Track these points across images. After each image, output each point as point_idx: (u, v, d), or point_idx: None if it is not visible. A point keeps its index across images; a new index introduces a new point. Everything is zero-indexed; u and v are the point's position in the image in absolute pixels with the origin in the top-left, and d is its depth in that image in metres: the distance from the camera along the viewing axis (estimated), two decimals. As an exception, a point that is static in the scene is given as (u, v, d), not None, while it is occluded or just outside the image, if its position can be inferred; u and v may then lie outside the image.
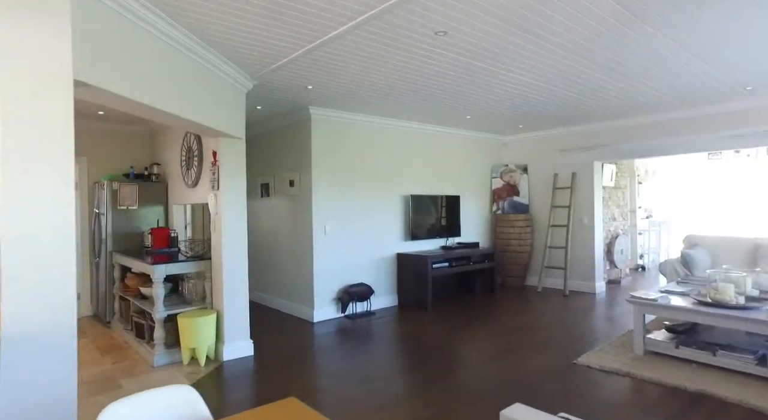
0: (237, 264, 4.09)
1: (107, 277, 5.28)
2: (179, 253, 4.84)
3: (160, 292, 3.92)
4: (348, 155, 5.65)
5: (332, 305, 5.49)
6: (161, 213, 5.60)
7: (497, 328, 4.93)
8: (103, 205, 5.25)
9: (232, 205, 4.06)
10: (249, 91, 4.37)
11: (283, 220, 5.88)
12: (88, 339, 4.75)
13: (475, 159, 7.33)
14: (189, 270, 4.13)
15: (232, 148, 4.07)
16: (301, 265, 5.53)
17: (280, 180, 5.90)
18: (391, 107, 5.31)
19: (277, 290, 6.03)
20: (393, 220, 6.14)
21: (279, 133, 5.92)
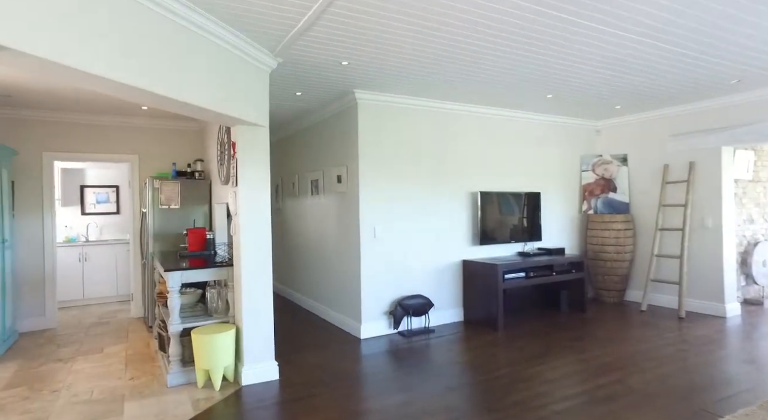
0: (258, 272, 3.51)
1: (149, 281, 5.04)
2: (214, 256, 4.41)
3: (174, 302, 3.45)
4: (402, 146, 4.87)
5: (383, 319, 4.74)
6: (205, 213, 5.26)
7: (587, 361, 3.83)
8: (148, 204, 5.02)
9: (253, 203, 3.49)
10: (274, 70, 3.77)
11: (331, 220, 5.26)
12: (123, 346, 4.50)
13: (560, 149, 6.13)
14: (209, 277, 3.64)
15: (251, 138, 3.49)
16: (348, 271, 4.86)
17: (329, 176, 5.29)
18: (453, 88, 4.43)
19: (323, 297, 5.43)
20: (458, 221, 5.24)
21: (326, 124, 5.31)
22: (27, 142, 5.16)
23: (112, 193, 7.08)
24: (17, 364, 4.07)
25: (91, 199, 6.95)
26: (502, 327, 4.83)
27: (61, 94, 4.56)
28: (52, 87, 4.34)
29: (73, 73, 2.09)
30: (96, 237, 6.95)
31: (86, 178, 6.98)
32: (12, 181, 5.02)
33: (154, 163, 5.72)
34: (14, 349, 4.53)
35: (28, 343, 4.71)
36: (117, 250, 6.63)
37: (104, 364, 3.98)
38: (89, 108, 5.13)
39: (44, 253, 5.24)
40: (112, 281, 6.62)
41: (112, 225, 7.08)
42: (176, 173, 5.15)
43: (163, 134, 5.83)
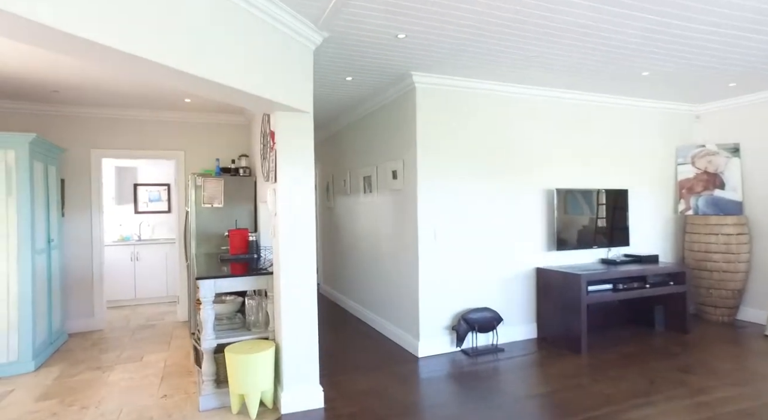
0: (300, 283, 3.02)
1: (193, 284, 4.75)
2: (258, 260, 4.01)
3: (207, 314, 3.05)
4: (466, 136, 4.22)
5: (444, 335, 4.13)
6: (249, 212, 4.90)
7: (712, 406, 3.02)
8: (191, 203, 4.72)
9: (294, 202, 3.00)
10: (321, 51, 3.27)
11: (386, 219, 4.71)
12: (163, 354, 4.21)
13: (651, 139, 5.20)
14: (245, 287, 3.20)
15: (293, 126, 3.00)
16: (405, 278, 4.29)
17: (383, 171, 4.74)
18: (525, 66, 3.72)
19: (376, 306, 4.89)
20: (531, 222, 4.51)
21: (380, 113, 4.76)
22: (75, 139, 5.04)
23: (163, 191, 6.97)
24: (59, 369, 3.88)
25: (144, 197, 6.87)
26: (586, 348, 4.06)
27: (106, 89, 4.34)
28: (98, 81, 4.11)
29: (108, 52, 1.67)
30: (148, 236, 6.86)
31: (139, 176, 6.91)
32: (62, 179, 4.92)
33: (199, 159, 5.45)
34: (61, 351, 4.38)
35: (75, 345, 4.56)
36: (167, 249, 6.49)
37: (140, 375, 3.68)
38: (133, 102, 4.92)
39: (93, 253, 5.10)
40: (162, 281, 6.48)
41: (163, 224, 6.97)
42: (220, 170, 4.82)
43: (208, 129, 5.55)
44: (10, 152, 3.85)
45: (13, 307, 3.84)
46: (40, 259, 4.15)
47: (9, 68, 3.72)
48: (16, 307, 3.85)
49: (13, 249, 3.84)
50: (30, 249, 3.90)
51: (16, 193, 3.85)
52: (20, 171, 3.86)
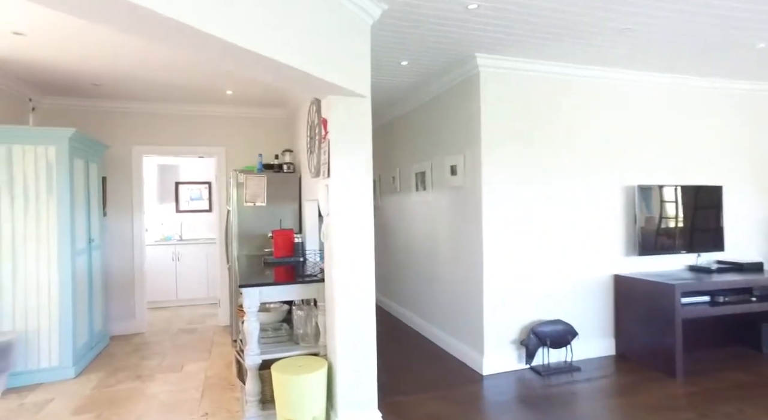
0: (357, 293, 2.63)
1: (234, 287, 4.47)
2: (304, 264, 3.67)
3: (252, 326, 2.70)
4: (536, 127, 3.72)
5: (511, 350, 3.65)
6: (294, 212, 4.57)
7: None
8: (232, 202, 4.44)
9: (350, 200, 2.61)
10: (375, 30, 2.87)
11: (443, 220, 4.26)
12: (204, 364, 3.93)
13: (750, 127, 4.51)
14: (295, 296, 2.84)
15: (349, 113, 2.61)
16: (466, 286, 3.83)
17: (439, 166, 4.30)
18: (616, 47, 3.19)
19: (434, 317, 4.45)
20: (608, 223, 3.96)
21: (438, 102, 4.32)
22: (117, 135, 4.87)
23: (204, 189, 6.79)
24: (98, 377, 3.67)
25: (185, 196, 6.71)
26: (682, 372, 3.47)
27: (146, 80, 4.11)
28: (139, 74, 3.89)
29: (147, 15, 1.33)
30: (190, 235, 6.70)
31: (180, 174, 6.75)
32: (103, 177, 4.75)
33: (241, 155, 5.18)
34: (102, 356, 4.20)
35: (116, 349, 4.37)
36: (208, 250, 6.29)
37: (181, 388, 3.40)
38: (175, 96, 4.69)
39: (134, 253, 4.92)
40: (203, 283, 6.29)
41: (204, 223, 6.80)
42: (262, 166, 4.52)
43: (249, 123, 5.27)
44: (51, 148, 3.66)
45: (54, 310, 3.66)
46: (81, 259, 3.96)
47: (51, 61, 3.52)
48: (57, 310, 3.66)
49: (53, 249, 3.65)
50: (70, 249, 3.70)
51: (57, 191, 3.66)
52: (60, 168, 3.67)
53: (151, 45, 3.29)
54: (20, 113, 4.22)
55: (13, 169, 3.59)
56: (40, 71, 3.80)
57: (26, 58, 3.49)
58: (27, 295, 3.60)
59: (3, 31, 2.96)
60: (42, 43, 3.21)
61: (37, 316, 3.63)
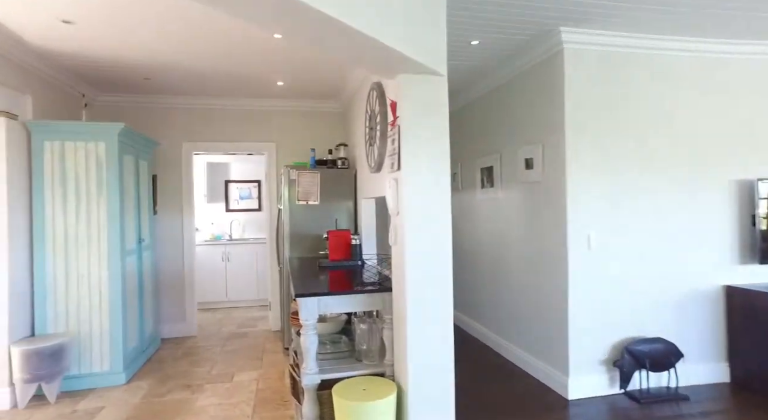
0: (433, 305, 2.24)
1: (286, 290, 4.19)
2: (362, 268, 3.32)
3: (309, 341, 2.37)
4: (631, 113, 3.19)
5: (601, 371, 3.14)
6: (348, 211, 4.23)
7: None
8: (284, 200, 4.17)
9: (424, 197, 2.22)
10: None
11: (515, 221, 3.79)
12: (255, 373, 3.66)
13: None
14: (357, 307, 2.49)
15: (423, 94, 2.22)
16: (548, 297, 3.35)
17: (510, 160, 3.84)
18: (738, 8, 2.62)
19: (510, 332, 3.97)
20: (715, 225, 3.35)
21: (509, 87, 3.85)
22: (166, 132, 4.72)
23: (254, 188, 6.62)
24: (148, 385, 3.48)
25: (235, 194, 6.57)
26: (821, 407, 2.84)
27: (196, 73, 3.90)
28: (188, 67, 3.68)
29: None
30: (239, 235, 6.55)
31: (230, 172, 6.61)
32: (154, 175, 4.62)
33: (291, 151, 4.92)
34: (153, 361, 4.03)
35: (167, 354, 4.20)
36: (258, 250, 6.10)
37: (231, 401, 3.14)
38: (224, 89, 4.47)
39: (184, 253, 4.76)
40: (253, 284, 6.10)
41: (254, 222, 6.63)
42: (315, 162, 4.21)
43: (300, 117, 4.99)
44: (101, 144, 3.51)
45: (105, 313, 3.50)
46: (131, 260, 3.80)
47: (101, 52, 3.36)
48: (108, 313, 3.51)
49: (103, 249, 3.50)
50: (120, 250, 3.54)
51: (106, 188, 3.50)
52: (109, 164, 3.51)
53: (200, 35, 3.04)
54: (74, 110, 4.12)
55: (65, 166, 3.46)
56: (90, 64, 3.66)
57: (76, 50, 3.34)
58: (79, 297, 3.47)
59: (52, 18, 2.79)
60: (91, 33, 3.03)
61: (89, 319, 3.49)
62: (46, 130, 3.43)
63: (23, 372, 3.13)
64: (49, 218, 3.43)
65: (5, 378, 3.17)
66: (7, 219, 3.18)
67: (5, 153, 3.18)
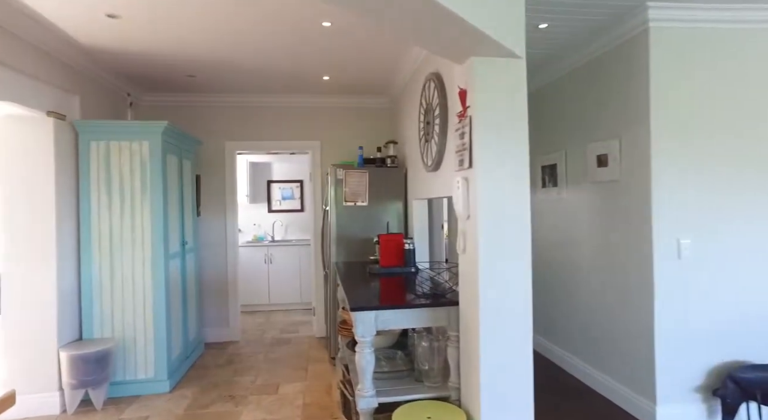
0: (510, 322, 1.94)
1: (332, 297, 3.98)
2: (416, 274, 3.05)
3: (366, 361, 2.11)
4: (732, 102, 2.75)
5: (697, 400, 2.73)
6: (398, 213, 3.97)
7: None
8: (330, 201, 3.95)
9: (500, 198, 1.93)
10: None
11: (585, 226, 3.42)
12: (301, 384, 3.46)
13: None
14: (420, 322, 2.21)
15: (498, 79, 1.93)
16: (627, 314, 2.97)
17: (577, 157, 3.47)
18: None
19: (583, 350, 3.57)
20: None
21: (577, 76, 3.48)
22: (209, 131, 4.61)
23: (296, 188, 6.47)
24: (192, 394, 3.34)
25: (277, 195, 6.45)
26: None
27: (240, 69, 3.75)
28: (233, 62, 3.53)
29: None
30: (281, 236, 6.42)
31: (273, 172, 6.50)
32: (197, 175, 4.52)
33: (336, 150, 4.71)
34: (197, 367, 3.91)
35: (210, 361, 4.07)
36: (301, 251, 5.94)
37: (277, 417, 2.93)
38: (269, 86, 4.31)
39: (227, 256, 4.64)
40: (296, 286, 5.95)
41: (296, 223, 6.49)
42: (363, 160, 3.97)
43: (346, 114, 4.77)
44: (145, 144, 3.41)
45: (149, 318, 3.40)
46: (174, 263, 3.68)
47: (146, 48, 3.24)
48: (152, 319, 3.39)
49: (147, 252, 3.39)
50: (163, 253, 3.42)
51: (150, 189, 3.39)
52: (153, 164, 3.39)
53: (245, 28, 2.86)
54: (120, 110, 4.07)
55: (110, 166, 3.37)
56: (134, 60, 3.56)
57: (120, 46, 3.24)
58: (124, 301, 3.38)
59: (97, 12, 2.67)
60: (135, 28, 2.91)
61: (133, 324, 3.39)
62: (93, 130, 3.35)
63: (71, 377, 3.06)
64: (95, 220, 3.35)
65: (55, 382, 3.12)
66: (56, 221, 3.12)
67: (54, 154, 3.12)
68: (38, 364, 3.10)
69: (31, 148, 3.10)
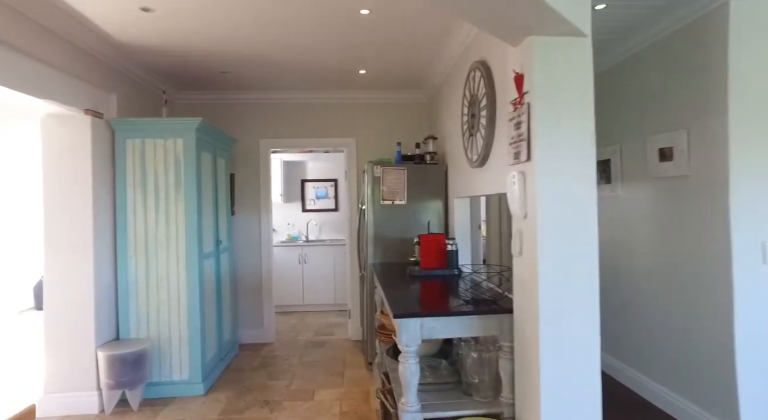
0: (574, 333, 1.72)
1: (368, 299, 3.82)
2: (459, 277, 2.85)
3: (410, 373, 1.94)
4: (819, 80, 2.42)
5: (775, 422, 2.41)
6: (438, 212, 3.77)
7: None
8: (367, 199, 3.79)
9: (565, 194, 1.72)
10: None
11: (645, 227, 3.13)
12: (337, 391, 3.32)
13: None
14: (468, 331, 2.01)
15: (560, 61, 1.71)
16: (699, 326, 2.67)
17: (635, 151, 3.18)
18: None
19: (647, 364, 3.26)
20: None
21: (636, 62, 3.19)
22: (243, 129, 4.55)
23: (330, 187, 6.37)
24: (226, 398, 3.26)
25: (311, 194, 6.36)
26: None
27: (275, 63, 3.65)
28: (268, 57, 3.44)
29: None
30: (315, 236, 6.33)
31: (307, 171, 6.42)
32: (231, 173, 4.46)
33: (372, 148, 4.55)
34: (231, 369, 3.84)
35: (244, 363, 3.99)
36: (335, 251, 5.82)
37: (313, 426, 2.80)
38: (303, 82, 4.20)
39: (261, 256, 4.57)
40: (330, 288, 5.83)
41: (330, 223, 6.38)
42: (401, 157, 3.80)
43: (382, 110, 4.61)
44: (179, 141, 3.35)
45: (183, 319, 3.34)
46: (209, 263, 3.62)
47: (181, 43, 3.18)
48: (186, 319, 3.33)
49: (181, 252, 3.33)
50: (197, 252, 3.35)
51: (184, 187, 3.33)
52: (187, 162, 3.33)
53: (279, 20, 2.74)
54: (155, 108, 4.05)
55: (145, 164, 3.34)
56: (169, 56, 3.50)
57: (155, 41, 3.18)
58: (159, 301, 3.33)
59: (131, 5, 2.60)
60: (169, 22, 2.84)
61: (168, 324, 3.34)
62: (129, 128, 3.32)
63: (108, 377, 3.03)
64: (130, 219, 3.32)
65: (93, 381, 3.11)
66: (93, 220, 3.10)
67: (91, 152, 3.10)
68: (77, 363, 3.09)
69: (69, 146, 3.08)
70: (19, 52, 2.45)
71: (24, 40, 2.47)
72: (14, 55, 2.43)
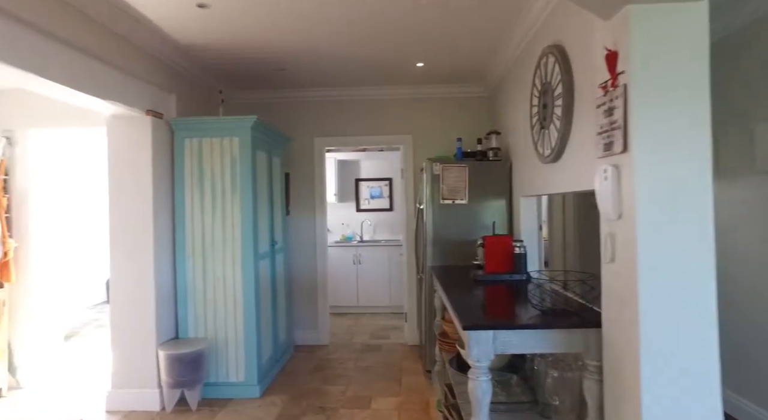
0: (685, 354, 1.44)
1: (427, 303, 3.63)
2: (527, 282, 2.60)
3: (481, 391, 1.73)
4: None
5: None
6: (501, 212, 3.51)
7: None
8: (425, 199, 3.60)
9: (672, 190, 1.45)
10: None
11: (751, 231, 2.72)
12: (395, 400, 3.15)
13: None
14: (547, 346, 1.77)
15: (670, 30, 1.44)
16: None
17: (737, 140, 2.77)
18: None
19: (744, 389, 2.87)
20: None
21: (752, 33, 2.79)
22: (298, 127, 4.49)
23: (385, 186, 6.23)
24: (282, 402, 3.19)
25: (365, 193, 6.25)
26: None
27: (332, 58, 3.55)
28: (325, 53, 3.35)
29: None
30: (369, 236, 6.22)
31: (361, 170, 6.32)
32: (286, 173, 4.42)
33: (429, 145, 4.34)
34: (286, 372, 3.78)
35: (299, 365, 3.93)
36: (390, 252, 5.67)
37: (371, 438, 2.66)
38: (359, 77, 4.08)
39: (316, 256, 4.50)
40: (385, 289, 5.69)
41: (384, 223, 6.24)
42: (461, 153, 3.57)
43: (440, 105, 4.39)
44: (235, 140, 3.32)
45: (239, 320, 3.30)
46: (264, 264, 3.57)
47: (237, 41, 3.15)
48: (242, 320, 3.30)
49: (237, 252, 3.30)
50: (253, 253, 3.31)
51: (240, 187, 3.30)
52: (243, 161, 3.29)
53: (335, 13, 2.62)
54: (212, 107, 4.07)
55: (203, 164, 3.34)
56: (225, 54, 3.48)
57: (212, 39, 3.16)
58: (216, 301, 3.32)
59: (188, 1, 2.57)
60: (225, 18, 2.79)
61: (225, 325, 3.32)
62: (187, 128, 3.34)
63: (168, 376, 3.05)
64: (188, 218, 3.33)
65: (154, 379, 3.14)
66: (153, 219, 3.13)
67: (152, 153, 3.13)
68: (140, 361, 3.13)
69: (131, 147, 3.13)
70: (85, 53, 2.48)
71: (89, 42, 2.50)
72: (81, 57, 2.45)
